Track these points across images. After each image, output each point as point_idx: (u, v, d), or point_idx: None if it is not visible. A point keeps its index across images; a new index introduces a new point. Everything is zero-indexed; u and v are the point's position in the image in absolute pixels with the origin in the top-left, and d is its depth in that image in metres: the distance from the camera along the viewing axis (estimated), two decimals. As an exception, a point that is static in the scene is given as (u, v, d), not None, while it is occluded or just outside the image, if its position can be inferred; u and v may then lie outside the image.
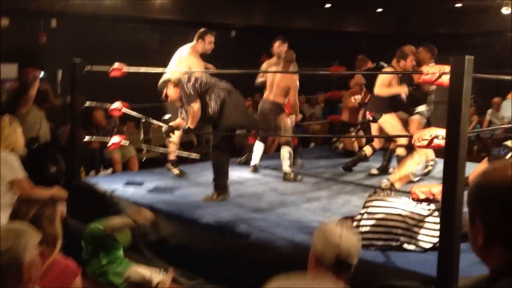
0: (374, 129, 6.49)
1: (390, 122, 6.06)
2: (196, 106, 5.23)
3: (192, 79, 5.32)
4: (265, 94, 6.78)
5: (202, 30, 6.36)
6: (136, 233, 4.48)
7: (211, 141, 6.44)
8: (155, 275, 4.27)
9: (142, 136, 7.31)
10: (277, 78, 6.57)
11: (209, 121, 5.56)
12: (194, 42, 6.34)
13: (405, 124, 6.14)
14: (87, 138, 6.80)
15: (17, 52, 8.90)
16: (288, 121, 6.68)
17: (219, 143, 5.39)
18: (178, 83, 5.37)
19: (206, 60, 6.43)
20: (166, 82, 5.54)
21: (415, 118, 6.16)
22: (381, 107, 6.12)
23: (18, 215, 2.65)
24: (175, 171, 6.42)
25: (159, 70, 5.93)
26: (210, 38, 6.35)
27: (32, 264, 2.02)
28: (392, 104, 6.05)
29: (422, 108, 6.18)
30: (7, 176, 3.93)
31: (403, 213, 3.81)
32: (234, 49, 9.74)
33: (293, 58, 6.70)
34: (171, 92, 5.42)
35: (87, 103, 6.46)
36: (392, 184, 4.68)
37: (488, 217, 1.20)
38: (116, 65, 6.13)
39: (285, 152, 6.39)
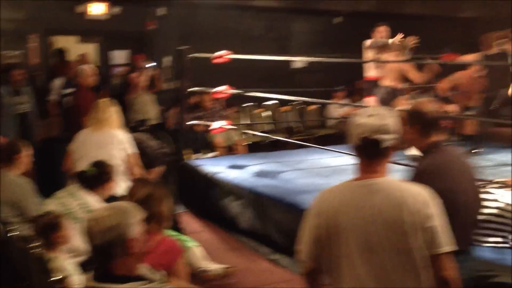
0: None
1: None
2: None
3: None
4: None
5: None
6: None
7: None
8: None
9: (243, 121, 7.37)
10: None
11: None
12: None
13: None
14: (191, 121, 6.99)
15: (128, 39, 9.29)
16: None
17: None
18: None
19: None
20: None
21: None
22: None
23: (132, 193, 2.82)
24: None
25: (263, 57, 5.94)
26: None
27: (136, 240, 2.08)
28: None
29: None
30: (129, 149, 4.62)
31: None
32: (339, 36, 9.48)
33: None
34: None
35: (193, 88, 6.63)
36: None
37: None
38: (220, 52, 6.24)
39: None
